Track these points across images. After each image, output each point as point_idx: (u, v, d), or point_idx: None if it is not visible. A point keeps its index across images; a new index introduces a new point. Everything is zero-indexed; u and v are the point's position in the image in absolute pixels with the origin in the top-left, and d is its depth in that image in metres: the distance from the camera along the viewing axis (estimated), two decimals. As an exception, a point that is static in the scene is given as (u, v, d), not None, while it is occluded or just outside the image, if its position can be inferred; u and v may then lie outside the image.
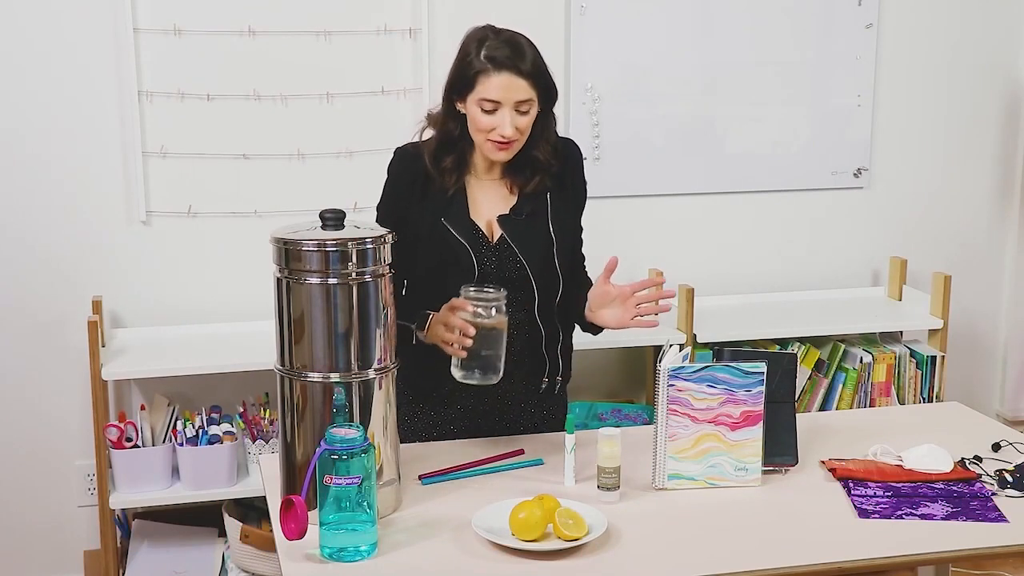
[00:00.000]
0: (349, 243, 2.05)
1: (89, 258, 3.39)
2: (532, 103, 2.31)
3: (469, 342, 2.22)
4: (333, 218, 2.09)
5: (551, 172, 2.42)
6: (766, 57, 3.76)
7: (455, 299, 2.27)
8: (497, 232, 2.40)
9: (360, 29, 3.45)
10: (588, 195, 2.55)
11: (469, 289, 2.27)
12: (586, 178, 2.54)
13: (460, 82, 2.33)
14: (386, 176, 2.46)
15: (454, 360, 2.26)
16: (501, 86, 2.27)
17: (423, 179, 2.39)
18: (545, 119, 2.39)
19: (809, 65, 3.80)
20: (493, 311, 2.24)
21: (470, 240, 2.38)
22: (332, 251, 2.04)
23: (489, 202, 2.43)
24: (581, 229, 2.54)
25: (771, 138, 3.81)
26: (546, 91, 2.35)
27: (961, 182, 4.02)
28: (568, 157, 2.47)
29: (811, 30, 3.79)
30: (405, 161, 2.43)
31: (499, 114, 2.28)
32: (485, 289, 2.27)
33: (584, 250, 2.57)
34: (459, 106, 2.35)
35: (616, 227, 3.69)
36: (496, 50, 2.29)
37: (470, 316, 2.23)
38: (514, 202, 2.43)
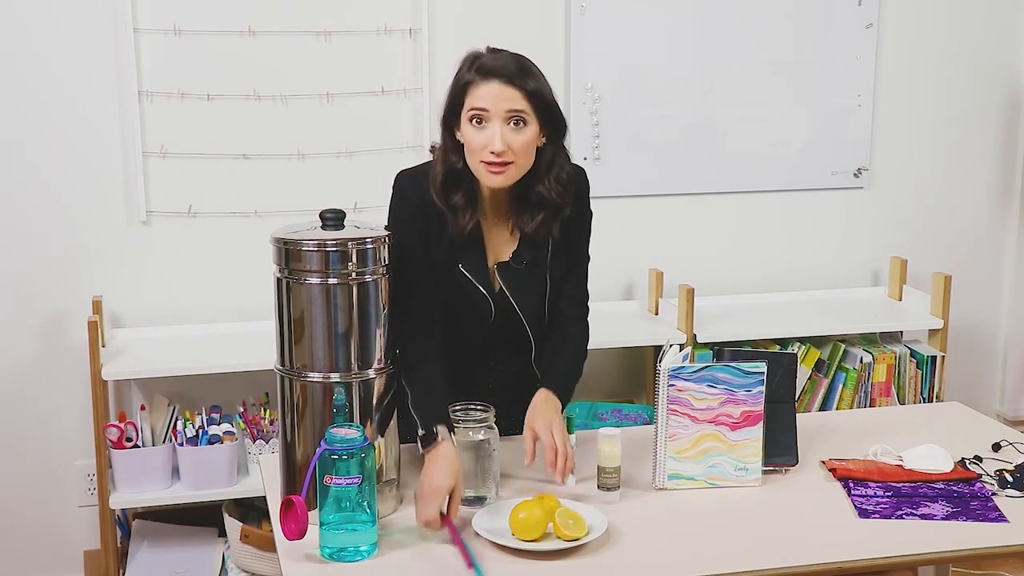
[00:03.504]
0: (349, 243, 2.05)
1: (89, 258, 3.39)
2: (526, 117, 2.17)
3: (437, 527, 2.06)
4: (333, 218, 2.09)
5: (560, 212, 2.28)
6: (766, 57, 3.76)
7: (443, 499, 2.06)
8: (497, 281, 2.33)
9: (360, 29, 3.45)
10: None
11: (455, 408, 2.20)
12: (590, 203, 2.41)
13: (452, 101, 2.22)
14: (393, 202, 2.30)
15: None
16: (489, 95, 2.15)
17: (437, 210, 2.26)
18: (552, 152, 2.25)
19: (809, 65, 3.80)
20: (482, 431, 2.17)
21: (487, 289, 2.31)
22: (332, 251, 2.04)
23: (492, 247, 2.33)
24: (588, 258, 2.43)
25: (771, 138, 3.81)
26: (546, 114, 2.20)
27: (961, 182, 4.02)
28: (577, 192, 2.33)
29: (811, 30, 3.79)
30: (414, 184, 2.29)
31: (489, 127, 2.16)
32: (472, 408, 2.20)
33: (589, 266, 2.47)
34: (457, 135, 2.23)
35: (616, 227, 3.69)
36: (488, 61, 2.19)
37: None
38: (515, 246, 2.32)
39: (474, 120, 2.18)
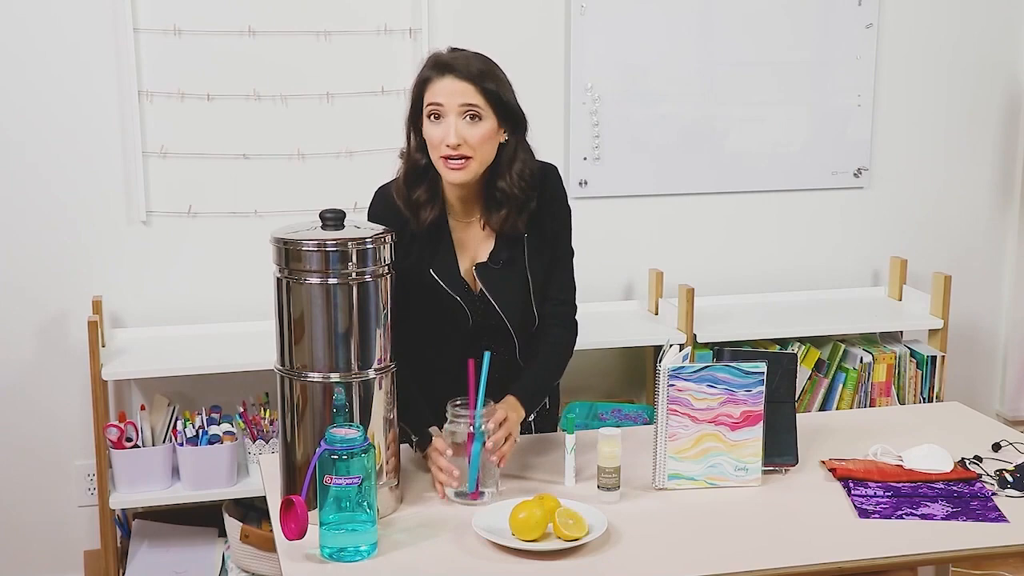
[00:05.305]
0: (349, 243, 2.05)
1: (89, 258, 3.39)
2: (481, 111, 2.22)
3: (456, 484, 2.17)
4: (333, 218, 2.09)
5: (525, 207, 2.32)
6: (766, 57, 3.76)
7: (438, 443, 2.21)
8: (478, 283, 2.36)
9: (360, 29, 3.45)
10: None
11: (456, 403, 2.20)
12: (568, 198, 2.44)
13: (414, 101, 2.29)
14: (367, 219, 2.36)
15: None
16: (444, 89, 2.22)
17: (405, 220, 2.32)
18: (514, 147, 2.30)
19: (809, 65, 3.80)
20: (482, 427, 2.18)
21: (460, 293, 2.34)
22: (332, 251, 2.04)
23: (469, 248, 2.37)
24: (572, 252, 2.45)
25: (771, 138, 3.81)
26: (503, 110, 2.25)
27: (961, 182, 4.02)
28: (544, 188, 2.37)
29: (811, 30, 3.79)
30: (380, 199, 2.38)
31: (445, 121, 2.22)
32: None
33: (576, 261, 2.47)
34: (424, 134, 2.28)
35: (616, 227, 3.70)
36: (446, 58, 2.25)
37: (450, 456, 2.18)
38: (492, 246, 2.36)
39: (432, 116, 2.24)
